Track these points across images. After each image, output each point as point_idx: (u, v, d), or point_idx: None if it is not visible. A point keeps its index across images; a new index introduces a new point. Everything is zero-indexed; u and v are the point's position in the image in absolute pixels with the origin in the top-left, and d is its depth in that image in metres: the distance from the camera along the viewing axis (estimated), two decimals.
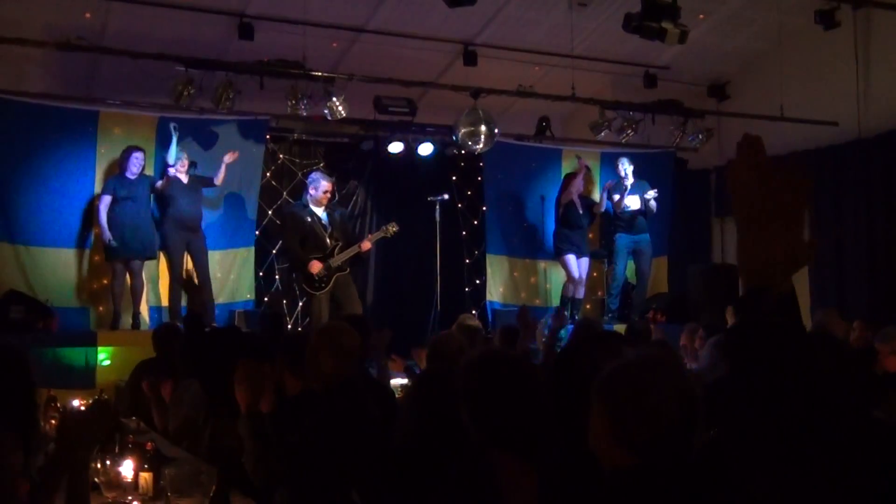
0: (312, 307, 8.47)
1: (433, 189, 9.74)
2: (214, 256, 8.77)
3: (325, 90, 8.55)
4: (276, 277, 9.78)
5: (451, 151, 10.39)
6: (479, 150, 9.40)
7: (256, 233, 9.42)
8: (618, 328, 7.88)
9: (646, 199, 9.68)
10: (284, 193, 9.88)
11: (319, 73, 8.51)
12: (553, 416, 2.53)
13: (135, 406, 5.15)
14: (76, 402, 4.43)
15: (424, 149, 10.05)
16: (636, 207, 9.72)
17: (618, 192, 9.79)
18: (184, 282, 8.41)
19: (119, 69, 8.50)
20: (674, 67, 10.27)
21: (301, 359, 3.40)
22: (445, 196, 9.54)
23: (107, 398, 3.94)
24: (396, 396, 4.76)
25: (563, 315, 9.02)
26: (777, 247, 1.39)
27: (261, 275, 9.56)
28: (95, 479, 2.80)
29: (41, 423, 3.87)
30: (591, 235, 10.28)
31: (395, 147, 9.91)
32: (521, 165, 10.50)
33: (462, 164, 10.70)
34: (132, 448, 3.23)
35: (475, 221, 10.76)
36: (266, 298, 9.64)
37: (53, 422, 4.02)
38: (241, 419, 3.38)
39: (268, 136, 9.48)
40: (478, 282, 10.57)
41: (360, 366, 4.09)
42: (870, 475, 1.53)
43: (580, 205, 9.68)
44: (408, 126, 9.82)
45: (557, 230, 9.81)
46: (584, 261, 9.71)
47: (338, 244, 8.37)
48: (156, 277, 8.64)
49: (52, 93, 8.73)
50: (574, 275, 9.59)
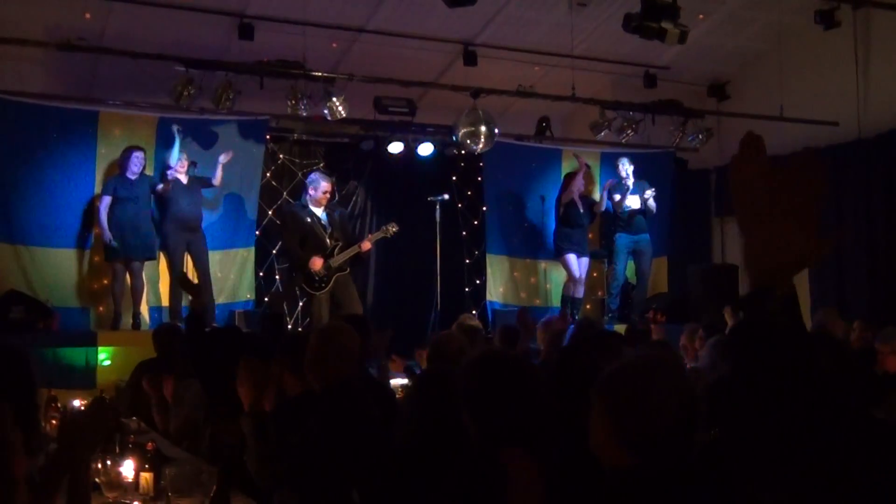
0: (312, 307, 8.47)
1: (433, 189, 9.73)
2: (214, 256, 8.76)
3: (325, 90, 8.55)
4: (277, 278, 9.77)
5: (451, 151, 10.39)
6: (479, 151, 9.40)
7: (256, 233, 9.41)
8: (618, 328, 7.88)
9: (644, 199, 9.69)
10: (284, 193, 9.87)
11: (319, 74, 8.51)
12: (556, 415, 2.54)
13: (135, 406, 5.16)
14: (77, 403, 4.45)
15: (424, 149, 10.05)
16: (636, 207, 9.73)
17: (618, 192, 9.79)
18: (181, 281, 8.40)
19: (119, 69, 8.50)
20: (674, 67, 10.28)
21: (301, 359, 3.40)
22: (445, 196, 9.52)
23: (107, 398, 3.95)
24: (397, 396, 4.76)
25: (566, 316, 9.05)
26: (787, 246, 1.38)
27: (261, 275, 9.55)
28: (96, 480, 2.80)
29: (42, 424, 3.88)
30: (591, 235, 10.27)
31: (395, 147, 9.91)
32: (521, 165, 10.49)
33: (462, 165, 10.70)
34: (133, 448, 3.24)
35: (475, 221, 10.76)
36: (266, 299, 9.64)
37: (54, 422, 4.03)
38: (244, 417, 3.38)
39: (268, 137, 9.47)
40: (478, 282, 10.56)
41: (361, 366, 4.09)
42: (871, 475, 1.53)
43: (581, 204, 9.68)
44: (408, 126, 9.81)
45: (558, 229, 9.81)
46: (585, 260, 9.71)
47: (338, 244, 8.36)
48: (156, 277, 8.63)
49: (53, 93, 8.72)
50: (575, 274, 9.59)
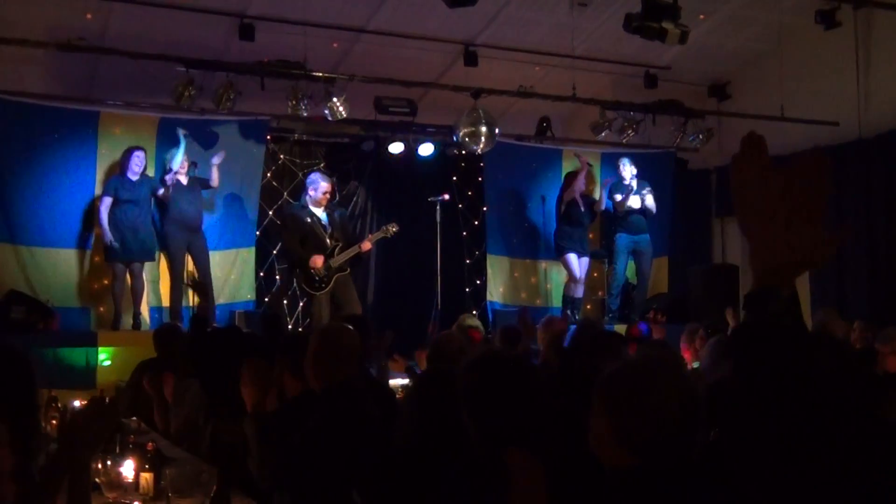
0: (313, 308, 8.47)
1: (433, 189, 9.73)
2: (215, 257, 8.76)
3: (326, 91, 8.55)
4: (277, 278, 9.77)
5: (452, 152, 10.39)
6: (480, 151, 9.39)
7: (257, 233, 9.41)
8: (618, 328, 7.87)
9: (642, 196, 9.69)
10: (285, 194, 9.87)
11: (320, 74, 8.50)
12: (557, 415, 2.53)
13: (135, 406, 5.16)
14: (77, 403, 4.45)
15: (425, 149, 10.05)
16: (637, 207, 9.73)
17: (619, 192, 9.79)
18: (193, 284, 8.41)
19: (120, 70, 8.50)
20: (674, 67, 10.27)
21: (301, 359, 3.40)
22: (446, 196, 9.52)
23: (107, 398, 3.95)
24: (397, 396, 4.76)
25: (567, 317, 9.05)
26: (790, 246, 1.38)
27: (261, 275, 9.55)
28: (96, 480, 2.80)
29: (42, 424, 3.88)
30: (592, 235, 10.27)
31: (396, 147, 9.91)
32: (522, 166, 10.49)
33: (462, 165, 10.70)
34: (133, 448, 3.24)
35: (475, 222, 10.75)
36: (267, 299, 9.64)
37: (54, 422, 4.03)
38: (247, 420, 3.38)
39: (268, 137, 9.48)
40: (478, 282, 10.56)
41: (361, 366, 4.08)
42: (871, 475, 1.53)
43: (582, 203, 9.69)
44: (408, 126, 9.81)
45: (559, 228, 9.80)
46: (585, 260, 9.71)
47: (338, 244, 8.36)
48: (156, 278, 8.64)
49: (53, 93, 8.73)
50: (575, 274, 9.59)
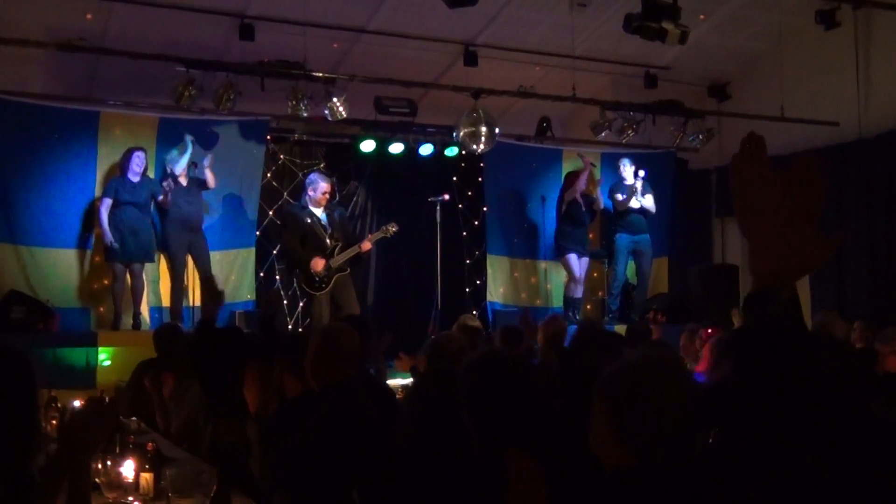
0: (313, 308, 8.46)
1: (433, 189, 9.73)
2: (215, 257, 8.75)
3: (326, 91, 8.55)
4: (277, 278, 9.76)
5: (452, 152, 10.38)
6: (480, 151, 9.39)
7: (257, 233, 9.40)
8: (618, 329, 7.87)
9: (642, 198, 9.71)
10: (285, 194, 9.86)
11: (320, 74, 8.50)
12: (557, 415, 2.53)
13: (135, 406, 5.16)
14: (77, 403, 4.45)
15: (425, 149, 10.05)
16: (637, 207, 9.74)
17: (620, 192, 9.80)
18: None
19: (120, 70, 8.50)
20: (674, 68, 10.28)
21: (301, 359, 3.40)
22: (446, 196, 9.51)
23: (106, 398, 3.95)
24: (397, 396, 4.76)
25: (567, 317, 9.04)
26: (790, 248, 1.38)
27: (261, 275, 9.54)
28: (96, 480, 2.80)
29: (42, 424, 3.88)
30: (592, 235, 10.28)
31: (396, 148, 9.91)
32: (522, 166, 10.49)
33: (462, 165, 10.69)
34: (133, 448, 3.24)
35: (476, 222, 10.75)
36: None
37: (54, 422, 4.03)
38: (250, 423, 3.37)
39: (268, 137, 9.48)
40: (478, 282, 10.56)
41: (360, 366, 4.08)
42: (871, 476, 1.53)
43: (583, 202, 9.69)
44: (408, 126, 9.81)
45: (560, 227, 9.80)
46: (585, 260, 9.72)
47: (338, 245, 8.36)
48: (156, 278, 8.64)
49: (53, 93, 8.73)
50: (576, 274, 9.60)
